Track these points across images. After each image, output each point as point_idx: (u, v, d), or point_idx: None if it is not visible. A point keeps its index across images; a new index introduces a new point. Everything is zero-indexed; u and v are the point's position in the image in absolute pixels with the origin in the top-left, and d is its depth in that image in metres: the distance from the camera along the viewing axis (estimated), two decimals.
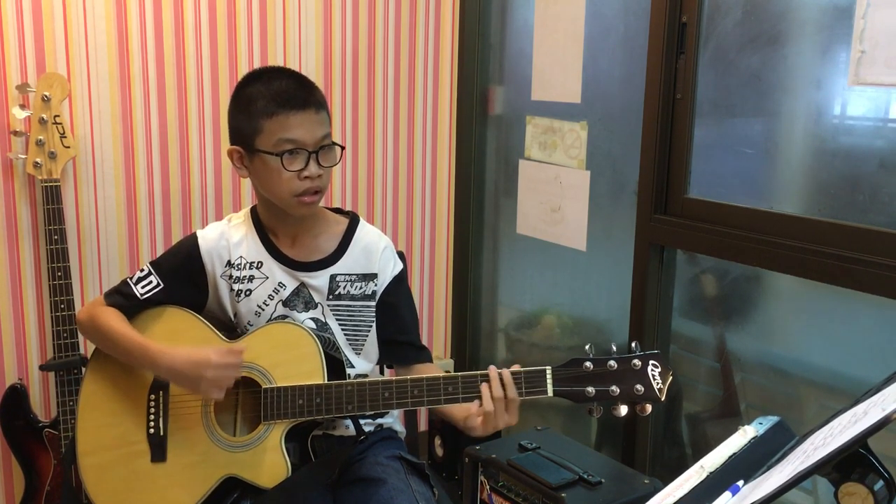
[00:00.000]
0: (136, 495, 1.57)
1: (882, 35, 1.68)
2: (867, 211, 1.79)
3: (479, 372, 1.47)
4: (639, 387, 1.42)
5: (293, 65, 2.58)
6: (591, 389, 1.43)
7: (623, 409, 1.43)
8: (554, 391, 1.45)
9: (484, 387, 1.45)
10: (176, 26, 2.38)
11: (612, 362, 1.43)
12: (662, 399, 1.42)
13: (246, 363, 1.56)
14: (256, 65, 2.52)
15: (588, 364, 1.44)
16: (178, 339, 1.61)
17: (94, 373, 1.64)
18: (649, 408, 1.43)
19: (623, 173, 2.35)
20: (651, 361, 1.42)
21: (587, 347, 1.45)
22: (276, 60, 2.55)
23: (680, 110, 2.13)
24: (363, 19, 2.70)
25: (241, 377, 1.56)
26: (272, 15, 2.53)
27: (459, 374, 1.48)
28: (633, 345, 1.45)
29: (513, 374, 1.45)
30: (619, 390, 1.42)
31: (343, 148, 1.62)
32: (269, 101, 1.54)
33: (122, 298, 1.64)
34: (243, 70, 2.50)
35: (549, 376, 1.45)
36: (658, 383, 1.42)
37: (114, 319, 1.60)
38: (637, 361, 1.42)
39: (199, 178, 2.49)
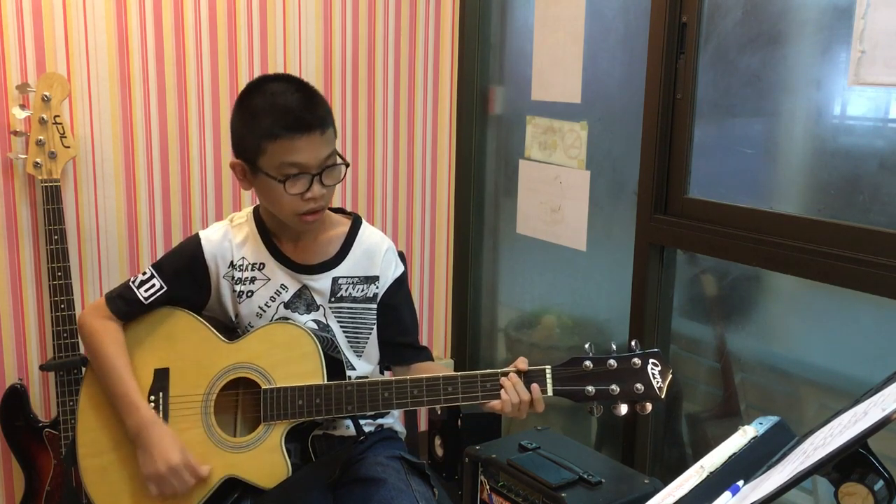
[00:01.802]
0: (138, 496, 1.57)
1: (882, 35, 1.68)
2: (867, 211, 1.79)
3: (478, 371, 1.47)
4: (639, 386, 1.42)
5: (293, 65, 2.58)
6: (590, 389, 1.43)
7: (623, 408, 1.43)
8: (554, 391, 1.45)
9: (503, 393, 1.45)
10: (176, 26, 2.38)
11: (611, 361, 1.43)
12: (662, 398, 1.42)
13: (246, 363, 1.56)
14: (256, 65, 2.52)
15: (588, 363, 1.43)
16: (179, 340, 1.61)
17: (93, 374, 1.64)
18: (649, 407, 1.43)
19: (623, 173, 2.35)
20: (651, 360, 1.42)
21: (587, 346, 1.45)
22: (276, 60, 2.55)
23: (680, 110, 2.13)
24: (363, 19, 2.70)
25: (240, 377, 1.57)
26: (272, 15, 2.53)
27: (459, 373, 1.48)
28: (633, 343, 1.45)
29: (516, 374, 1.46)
30: (618, 389, 1.42)
31: (347, 165, 1.59)
32: (274, 122, 1.49)
33: (124, 304, 1.62)
34: (243, 70, 2.50)
35: (548, 376, 1.45)
36: (658, 382, 1.42)
37: (113, 348, 1.58)
38: (637, 360, 1.42)
39: (199, 178, 2.49)
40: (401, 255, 1.76)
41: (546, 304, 2.76)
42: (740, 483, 0.90)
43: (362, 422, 1.67)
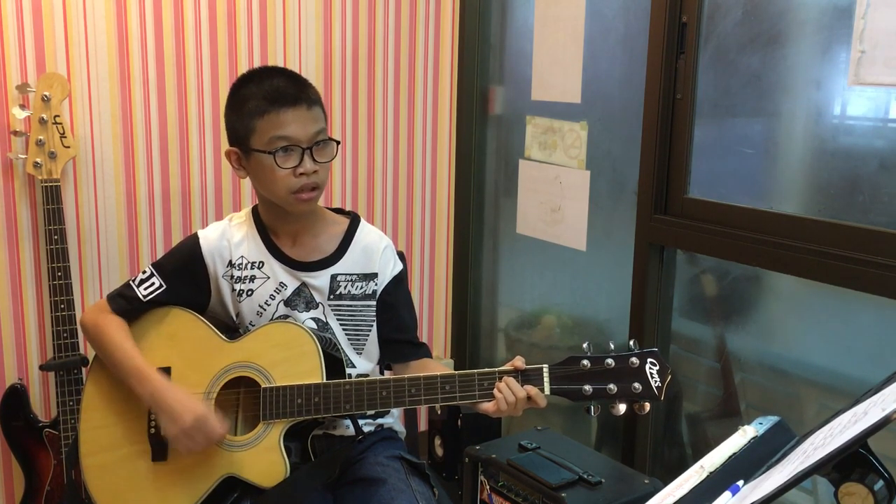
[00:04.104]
0: (137, 495, 1.57)
1: (882, 35, 1.68)
2: (867, 211, 1.79)
3: (476, 370, 1.47)
4: (636, 385, 1.41)
5: (293, 65, 2.58)
6: (588, 388, 1.43)
7: (621, 408, 1.43)
8: (551, 389, 1.45)
9: (497, 392, 1.45)
10: (176, 26, 2.38)
11: (609, 360, 1.42)
12: (661, 398, 1.41)
13: (246, 362, 1.56)
14: (256, 65, 2.52)
15: (585, 362, 1.43)
16: (180, 339, 1.61)
17: (96, 373, 1.64)
18: (648, 406, 1.42)
19: (623, 173, 2.35)
20: (649, 359, 1.42)
21: (585, 345, 1.45)
22: (276, 60, 2.55)
23: (680, 110, 2.13)
24: (363, 19, 2.70)
25: (241, 376, 1.57)
26: (272, 15, 2.53)
27: (456, 372, 1.48)
28: (632, 343, 1.44)
29: (511, 373, 1.46)
30: (616, 389, 1.42)
31: (338, 143, 1.62)
32: (261, 101, 1.55)
33: (124, 302, 1.64)
34: (243, 70, 2.49)
35: (546, 375, 1.45)
36: (656, 381, 1.41)
37: (117, 333, 1.60)
38: (635, 359, 1.42)
39: (199, 178, 2.49)
40: (400, 254, 1.76)
41: (546, 304, 2.76)
42: (740, 483, 0.90)
43: (362, 422, 1.67)
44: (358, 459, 1.66)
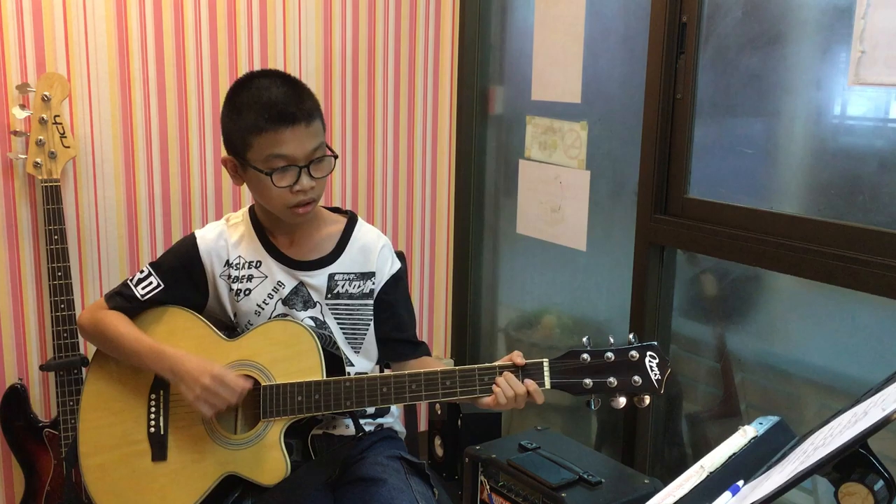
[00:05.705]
0: (138, 494, 1.57)
1: (882, 35, 1.68)
2: (867, 211, 1.79)
3: (476, 366, 1.47)
4: (636, 378, 1.41)
5: (293, 65, 2.58)
6: (588, 381, 1.43)
7: (621, 401, 1.43)
8: (551, 383, 1.45)
9: (495, 387, 1.45)
10: (176, 26, 2.38)
11: (609, 354, 1.43)
12: (661, 391, 1.41)
13: (246, 361, 1.56)
14: (256, 65, 2.52)
15: (585, 356, 1.43)
16: (179, 338, 1.61)
17: (95, 373, 1.64)
18: (648, 399, 1.42)
19: (623, 173, 2.35)
20: (649, 353, 1.42)
21: (584, 340, 1.45)
22: (275, 60, 2.55)
23: (680, 110, 2.13)
24: (363, 19, 2.70)
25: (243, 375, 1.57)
26: (272, 15, 2.53)
27: (457, 368, 1.48)
28: (631, 336, 1.44)
29: (510, 368, 1.46)
30: (616, 382, 1.42)
31: (336, 157, 1.60)
32: (259, 116, 1.51)
33: (122, 300, 1.64)
34: (243, 70, 2.50)
35: (546, 369, 1.45)
36: (656, 374, 1.41)
37: (120, 323, 1.61)
38: (634, 353, 1.42)
39: (198, 178, 2.49)
40: (399, 254, 1.76)
41: (546, 303, 2.76)
42: (740, 483, 0.90)
43: (362, 421, 1.67)
44: (358, 459, 1.66)
